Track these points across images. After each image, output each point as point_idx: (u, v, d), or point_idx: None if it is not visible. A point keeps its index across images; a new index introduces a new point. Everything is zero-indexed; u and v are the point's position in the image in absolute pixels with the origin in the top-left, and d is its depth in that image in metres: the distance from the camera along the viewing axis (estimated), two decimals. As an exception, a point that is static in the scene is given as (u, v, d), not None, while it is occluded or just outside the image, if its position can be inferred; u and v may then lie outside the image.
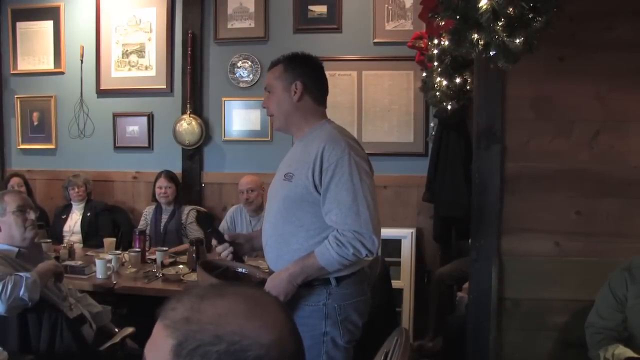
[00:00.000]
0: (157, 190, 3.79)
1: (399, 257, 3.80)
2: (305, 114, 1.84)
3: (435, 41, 2.89)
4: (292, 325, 0.76)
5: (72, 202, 3.93)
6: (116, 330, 2.52)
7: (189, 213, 3.80)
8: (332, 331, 1.75)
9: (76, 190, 3.89)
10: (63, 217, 3.93)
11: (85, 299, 2.54)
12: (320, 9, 3.99)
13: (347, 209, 1.67)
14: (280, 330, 0.72)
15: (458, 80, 2.96)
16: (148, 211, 3.87)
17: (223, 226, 3.62)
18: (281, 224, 1.81)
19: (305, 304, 1.77)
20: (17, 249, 2.28)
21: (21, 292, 2.05)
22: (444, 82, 3.00)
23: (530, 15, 1.51)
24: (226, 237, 1.97)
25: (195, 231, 3.73)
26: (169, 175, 3.83)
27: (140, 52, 4.26)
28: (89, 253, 3.37)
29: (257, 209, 3.53)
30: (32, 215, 2.31)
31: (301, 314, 1.76)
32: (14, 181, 3.96)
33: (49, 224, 3.94)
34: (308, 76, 1.83)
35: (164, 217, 3.81)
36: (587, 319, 2.06)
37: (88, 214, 3.89)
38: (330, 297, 1.75)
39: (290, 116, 1.85)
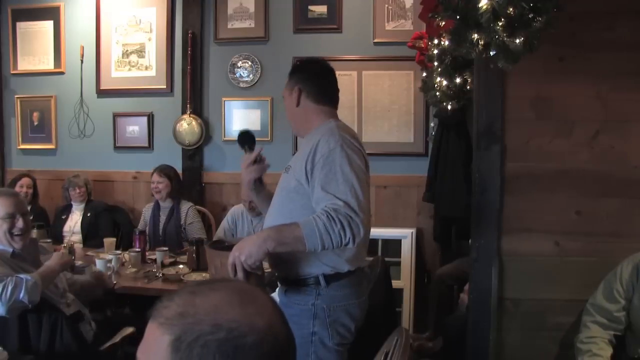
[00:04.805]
0: (151, 186, 3.77)
1: (399, 257, 3.80)
2: (307, 116, 1.89)
3: (436, 41, 2.89)
4: (281, 314, 0.78)
5: (73, 203, 3.93)
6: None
7: (188, 211, 3.75)
8: (321, 332, 1.76)
9: (77, 190, 3.89)
10: (63, 217, 3.93)
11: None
12: (321, 9, 3.99)
13: (338, 194, 1.64)
14: (270, 317, 0.75)
15: (458, 80, 2.97)
16: (146, 210, 3.84)
17: (224, 226, 3.61)
18: (277, 217, 1.83)
19: (295, 303, 1.79)
20: (11, 250, 2.26)
21: (21, 295, 2.05)
22: (444, 82, 3.01)
23: (531, 15, 1.51)
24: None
25: (195, 232, 3.71)
26: (162, 170, 3.75)
27: (140, 52, 4.26)
28: (89, 253, 3.37)
29: (260, 212, 3.51)
30: (20, 224, 2.24)
31: (291, 312, 1.76)
32: (24, 181, 3.96)
33: (49, 224, 3.93)
34: (305, 80, 1.89)
35: (162, 217, 3.75)
36: (589, 299, 2.08)
37: (88, 214, 3.88)
38: (319, 297, 1.76)
39: (297, 120, 1.93)
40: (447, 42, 2.49)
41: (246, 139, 1.99)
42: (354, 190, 1.65)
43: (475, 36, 1.59)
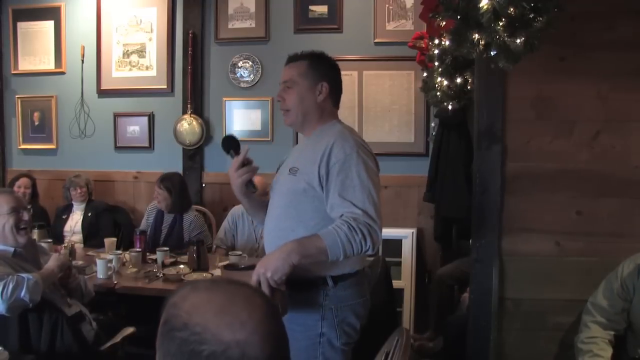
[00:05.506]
0: (154, 194, 3.66)
1: (400, 257, 3.80)
2: (322, 114, 1.85)
3: (436, 41, 2.89)
4: (272, 331, 0.76)
5: (74, 202, 3.92)
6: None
7: (191, 224, 3.57)
8: (329, 332, 1.75)
9: (78, 190, 3.89)
10: (64, 217, 3.92)
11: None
12: (321, 9, 4.00)
13: (356, 202, 1.67)
14: (250, 333, 0.73)
15: (459, 80, 2.97)
16: (150, 211, 3.73)
17: (225, 227, 3.60)
18: (282, 219, 1.81)
19: (301, 304, 1.78)
20: (13, 249, 2.28)
21: (22, 294, 2.05)
22: (445, 82, 3.01)
23: (531, 15, 1.51)
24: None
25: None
26: (162, 181, 3.57)
27: (141, 52, 4.26)
28: (89, 253, 3.37)
29: None
30: (25, 216, 2.29)
31: (296, 313, 1.76)
32: (22, 182, 3.94)
33: (50, 224, 3.93)
34: (333, 79, 1.85)
35: (164, 229, 3.61)
36: (590, 299, 2.08)
37: (89, 214, 3.88)
38: (327, 298, 1.75)
39: (309, 114, 1.84)
40: (447, 42, 2.49)
41: (231, 143, 1.94)
42: (372, 197, 1.68)
43: (476, 36, 1.59)
